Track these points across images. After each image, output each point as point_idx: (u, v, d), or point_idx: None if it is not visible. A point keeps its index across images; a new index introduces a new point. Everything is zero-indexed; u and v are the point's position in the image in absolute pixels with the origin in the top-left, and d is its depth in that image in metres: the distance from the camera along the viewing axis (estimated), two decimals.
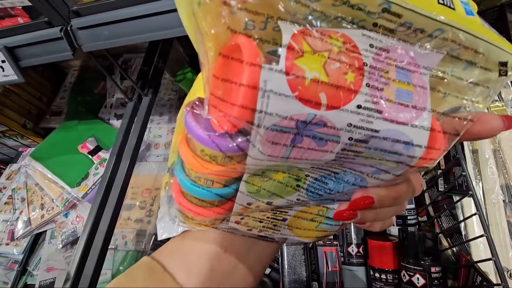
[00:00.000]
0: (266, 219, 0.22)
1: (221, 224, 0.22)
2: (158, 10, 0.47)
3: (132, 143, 0.71)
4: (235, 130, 0.15)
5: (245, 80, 0.13)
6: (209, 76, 0.14)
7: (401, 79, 0.15)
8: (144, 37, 0.51)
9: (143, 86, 0.78)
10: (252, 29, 0.13)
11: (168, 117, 1.02)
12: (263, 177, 0.18)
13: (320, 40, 0.13)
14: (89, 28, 0.50)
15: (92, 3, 0.50)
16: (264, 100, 0.13)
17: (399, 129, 0.15)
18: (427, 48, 0.15)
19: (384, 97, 0.14)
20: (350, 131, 0.14)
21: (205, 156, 0.17)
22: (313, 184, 0.19)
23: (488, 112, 0.55)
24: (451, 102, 0.16)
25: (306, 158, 0.15)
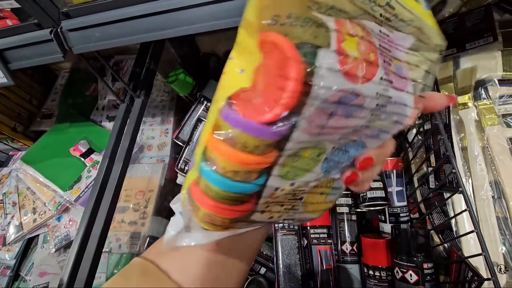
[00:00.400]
0: (287, 201, 0.23)
1: (241, 222, 0.22)
2: (150, 12, 0.47)
3: (124, 145, 0.71)
4: (285, 112, 0.16)
5: (300, 60, 0.15)
6: (260, 62, 0.16)
7: (396, 57, 0.19)
8: (136, 39, 0.50)
9: (135, 87, 0.77)
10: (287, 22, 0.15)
11: (161, 118, 1.01)
12: (295, 156, 0.19)
13: (351, 27, 0.16)
14: (80, 30, 0.50)
15: (82, 5, 0.50)
16: (320, 76, 0.15)
17: (401, 95, 0.19)
18: (405, 33, 0.20)
19: (391, 70, 0.18)
20: (377, 99, 0.17)
21: (246, 148, 0.17)
22: (332, 156, 0.21)
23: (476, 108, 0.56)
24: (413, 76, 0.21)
25: (342, 128, 0.18)
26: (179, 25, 0.47)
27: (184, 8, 0.45)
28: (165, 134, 1.01)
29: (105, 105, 1.03)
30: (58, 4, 0.48)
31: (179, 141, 0.90)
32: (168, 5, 0.46)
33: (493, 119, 0.54)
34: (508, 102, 0.55)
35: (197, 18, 0.46)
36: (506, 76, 0.55)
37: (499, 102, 0.56)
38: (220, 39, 1.08)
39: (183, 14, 0.46)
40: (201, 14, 0.46)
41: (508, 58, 0.55)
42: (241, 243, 0.26)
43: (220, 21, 0.46)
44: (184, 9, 0.46)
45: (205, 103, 0.89)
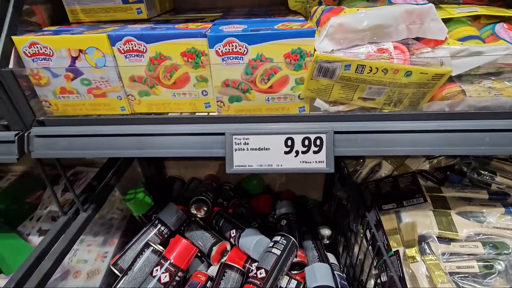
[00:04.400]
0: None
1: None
2: (126, 133, 0.51)
3: (43, 268, 0.58)
4: None
5: None
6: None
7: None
8: (103, 153, 0.52)
9: (86, 200, 0.72)
10: None
11: (103, 239, 0.89)
12: None
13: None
14: (48, 137, 0.51)
15: (61, 117, 0.53)
16: None
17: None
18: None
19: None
20: None
21: None
22: None
23: (424, 263, 0.57)
24: None
25: None
26: (150, 147, 0.51)
27: (158, 135, 0.50)
28: (102, 259, 0.86)
29: (43, 216, 0.91)
30: (37, 112, 0.51)
31: (116, 268, 0.76)
32: (144, 130, 0.50)
33: (442, 276, 0.55)
34: (451, 260, 0.58)
35: (168, 145, 0.50)
36: (442, 234, 0.60)
37: (443, 259, 0.58)
38: (188, 166, 1.14)
39: (157, 139, 0.51)
40: (173, 142, 0.50)
41: (440, 218, 0.62)
42: None
43: (189, 150, 0.50)
44: (158, 136, 0.50)
45: (159, 226, 0.83)
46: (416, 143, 0.47)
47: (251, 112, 0.52)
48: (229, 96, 0.50)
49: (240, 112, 0.52)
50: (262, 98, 0.51)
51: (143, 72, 0.50)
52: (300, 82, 0.49)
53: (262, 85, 0.49)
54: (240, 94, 0.50)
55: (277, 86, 0.49)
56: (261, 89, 0.49)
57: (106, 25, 0.56)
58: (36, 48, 0.48)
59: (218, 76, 0.48)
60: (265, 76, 0.48)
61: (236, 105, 0.51)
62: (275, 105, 0.52)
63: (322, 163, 0.47)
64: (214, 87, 0.50)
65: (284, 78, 0.48)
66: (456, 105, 0.46)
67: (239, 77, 0.48)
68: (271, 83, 0.49)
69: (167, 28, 0.48)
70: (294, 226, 0.88)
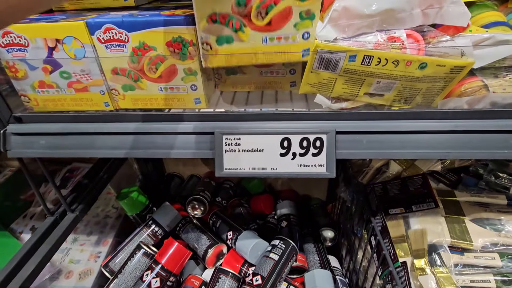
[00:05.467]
0: None
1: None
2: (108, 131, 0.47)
3: (27, 269, 0.55)
4: None
5: None
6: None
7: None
8: (84, 153, 0.48)
9: (75, 200, 0.69)
10: None
11: (97, 238, 0.87)
12: None
13: None
14: (25, 135, 0.47)
15: (40, 113, 0.49)
16: None
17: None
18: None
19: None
20: None
21: None
22: None
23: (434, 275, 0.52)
24: None
25: None
26: (133, 147, 0.46)
27: (142, 133, 0.46)
28: (95, 259, 0.84)
29: (36, 214, 0.89)
30: (14, 108, 0.47)
31: (107, 270, 0.73)
32: (133, 128, 0.46)
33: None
34: (464, 273, 0.53)
35: (164, 145, 0.46)
36: (454, 243, 0.55)
37: (455, 272, 0.53)
38: (187, 163, 1.10)
39: (141, 138, 0.46)
40: (159, 141, 0.46)
41: (453, 226, 0.57)
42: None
43: (176, 150, 0.46)
44: (142, 134, 0.46)
45: (153, 227, 0.79)
46: (429, 145, 0.42)
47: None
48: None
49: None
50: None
51: (126, 64, 0.45)
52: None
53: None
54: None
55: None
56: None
57: (89, 13, 0.51)
58: (11, 38, 0.44)
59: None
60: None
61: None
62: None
63: (322, 167, 0.42)
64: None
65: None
66: (477, 102, 0.40)
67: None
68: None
69: (151, 15, 0.43)
70: (295, 228, 0.84)
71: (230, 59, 0.42)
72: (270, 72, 0.53)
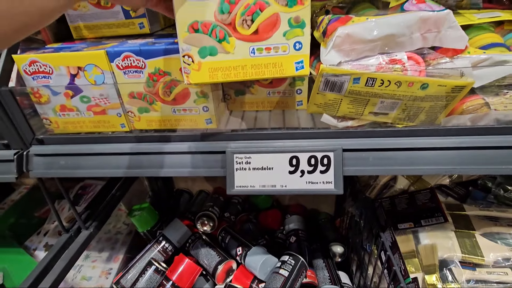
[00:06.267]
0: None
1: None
2: (123, 151, 0.49)
3: (44, 286, 0.57)
4: None
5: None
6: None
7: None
8: (101, 173, 0.50)
9: (89, 217, 0.71)
10: None
11: (108, 255, 0.88)
12: None
13: None
14: (46, 156, 0.49)
15: (61, 135, 0.52)
16: None
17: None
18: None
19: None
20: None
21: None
22: None
23: None
24: None
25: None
26: (148, 166, 0.49)
27: (156, 153, 0.48)
28: (107, 276, 0.85)
29: (50, 231, 0.91)
30: (36, 130, 0.50)
31: (118, 287, 0.74)
32: (148, 149, 0.48)
33: None
34: None
35: (177, 164, 0.48)
36: (466, 258, 0.54)
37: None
38: (196, 179, 1.12)
39: (155, 158, 0.49)
40: (172, 160, 0.48)
41: (463, 240, 0.57)
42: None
43: (188, 169, 0.48)
44: (156, 154, 0.48)
45: (163, 243, 0.80)
46: (435, 161, 0.43)
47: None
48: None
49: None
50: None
51: (142, 88, 0.48)
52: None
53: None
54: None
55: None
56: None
57: (108, 40, 0.55)
58: (36, 66, 0.48)
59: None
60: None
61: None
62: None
63: (330, 183, 0.44)
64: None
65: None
66: (480, 119, 0.42)
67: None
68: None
69: (166, 43, 0.47)
70: (304, 244, 0.84)
71: (215, 74, 0.39)
72: (277, 92, 0.55)
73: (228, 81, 0.39)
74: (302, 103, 0.56)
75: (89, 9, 0.55)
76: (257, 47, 0.38)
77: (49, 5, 0.29)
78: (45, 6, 0.28)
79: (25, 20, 0.28)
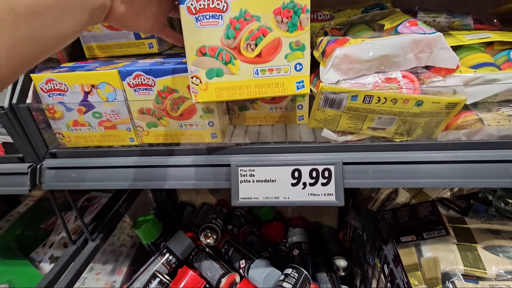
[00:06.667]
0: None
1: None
2: (131, 164, 0.51)
3: None
4: None
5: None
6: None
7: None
8: (110, 185, 0.52)
9: (95, 228, 0.72)
10: None
11: (112, 267, 0.89)
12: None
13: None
14: (58, 169, 0.52)
15: (73, 149, 0.54)
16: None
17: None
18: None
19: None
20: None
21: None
22: None
23: None
24: None
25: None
26: (155, 179, 0.50)
27: (163, 166, 0.50)
28: None
29: (55, 242, 0.92)
30: (50, 144, 0.52)
31: None
32: (155, 162, 0.51)
33: None
34: None
35: (184, 177, 0.50)
36: (468, 271, 0.55)
37: None
38: (199, 191, 1.13)
39: (162, 171, 0.51)
40: (179, 173, 0.50)
41: (465, 253, 0.57)
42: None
43: (195, 182, 0.50)
44: (164, 167, 0.50)
45: (167, 255, 0.81)
46: (432, 174, 0.44)
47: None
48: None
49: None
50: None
51: (152, 105, 0.51)
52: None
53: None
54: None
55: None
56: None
57: (119, 60, 0.58)
58: (52, 84, 0.51)
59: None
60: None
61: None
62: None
63: (331, 195, 0.45)
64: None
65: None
66: (474, 134, 0.43)
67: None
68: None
69: (174, 62, 0.49)
70: (307, 257, 0.84)
71: (221, 93, 0.42)
72: (279, 108, 0.57)
73: (233, 99, 0.42)
74: (303, 118, 0.58)
75: (102, 30, 0.59)
76: (260, 69, 0.40)
77: (67, 32, 0.31)
78: (64, 32, 0.31)
79: (49, 44, 0.30)
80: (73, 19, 0.30)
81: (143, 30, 0.39)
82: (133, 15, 0.36)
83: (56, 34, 0.29)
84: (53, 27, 0.28)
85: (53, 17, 0.28)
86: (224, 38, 0.39)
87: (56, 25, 0.28)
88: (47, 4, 0.27)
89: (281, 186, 0.46)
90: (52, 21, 0.28)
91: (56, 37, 0.30)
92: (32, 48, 0.28)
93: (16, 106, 0.48)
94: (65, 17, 0.29)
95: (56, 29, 0.29)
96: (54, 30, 0.29)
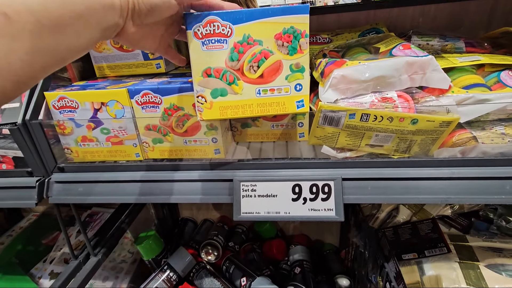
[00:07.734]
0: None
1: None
2: (136, 179, 0.52)
3: None
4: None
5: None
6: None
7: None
8: (115, 199, 0.53)
9: (98, 244, 0.72)
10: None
11: (112, 284, 0.88)
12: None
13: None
14: (66, 183, 0.53)
15: (81, 164, 0.56)
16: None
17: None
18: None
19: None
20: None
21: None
22: None
23: None
24: None
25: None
26: (159, 193, 0.52)
27: (167, 181, 0.51)
28: None
29: (56, 258, 0.92)
30: (58, 159, 0.54)
31: None
32: (160, 177, 0.52)
33: None
34: None
35: (187, 192, 0.51)
36: None
37: None
38: (201, 207, 1.14)
39: (166, 185, 0.52)
40: (183, 188, 0.51)
41: (467, 272, 0.57)
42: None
43: (198, 196, 0.51)
44: (168, 182, 0.51)
45: (168, 272, 0.81)
46: (429, 190, 0.45)
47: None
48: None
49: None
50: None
51: (158, 122, 0.53)
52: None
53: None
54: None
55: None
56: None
57: (128, 79, 0.61)
58: (64, 102, 0.53)
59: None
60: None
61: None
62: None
63: (331, 211, 0.46)
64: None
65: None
66: (469, 152, 0.45)
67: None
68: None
69: (181, 82, 0.52)
70: (309, 275, 0.83)
71: (225, 111, 0.44)
72: (280, 125, 0.59)
73: (237, 117, 0.45)
74: (303, 135, 0.60)
75: (113, 51, 0.62)
76: (262, 89, 0.43)
77: (82, 45, 0.34)
78: (79, 45, 0.33)
79: (66, 55, 0.33)
80: (88, 35, 0.32)
81: (149, 49, 0.42)
82: (142, 36, 0.38)
83: (72, 47, 0.32)
84: (71, 40, 0.31)
85: (72, 32, 0.30)
86: (228, 61, 0.42)
87: (73, 39, 0.31)
88: (68, 20, 0.30)
89: (282, 201, 0.47)
90: (70, 35, 0.30)
91: (72, 49, 0.32)
92: (51, 58, 0.30)
93: (29, 122, 0.51)
94: (82, 33, 0.32)
95: (73, 42, 0.31)
96: (71, 43, 0.31)
